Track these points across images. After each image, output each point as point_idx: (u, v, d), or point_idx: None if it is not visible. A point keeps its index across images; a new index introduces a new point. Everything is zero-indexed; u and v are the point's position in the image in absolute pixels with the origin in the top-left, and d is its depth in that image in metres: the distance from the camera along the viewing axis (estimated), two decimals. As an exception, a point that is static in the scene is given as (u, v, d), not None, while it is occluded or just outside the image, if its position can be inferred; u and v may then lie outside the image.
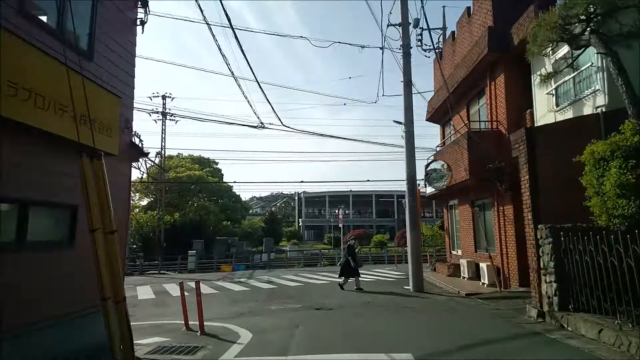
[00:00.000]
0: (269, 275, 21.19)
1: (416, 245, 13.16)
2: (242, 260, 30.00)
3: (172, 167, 47.29)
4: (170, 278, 22.24)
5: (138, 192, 45.82)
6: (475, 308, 9.73)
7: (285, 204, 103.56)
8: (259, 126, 14.52)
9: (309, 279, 17.99)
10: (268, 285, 15.95)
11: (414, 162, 13.35)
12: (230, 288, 15.46)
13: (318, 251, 33.60)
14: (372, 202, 78.34)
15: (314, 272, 21.33)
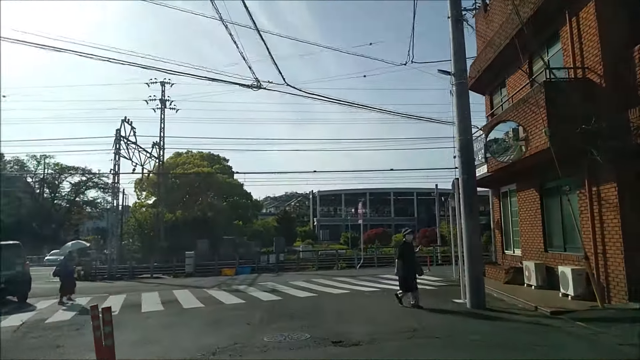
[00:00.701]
0: (275, 280, 17.60)
1: (473, 241, 9.41)
2: (250, 261, 26.50)
3: (180, 164, 44.69)
4: (158, 284, 18.81)
5: (144, 190, 43.31)
6: (586, 340, 6.01)
7: (299, 203, 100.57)
8: (253, 85, 10.89)
9: (323, 286, 14.34)
10: (270, 296, 12.34)
11: (468, 124, 9.62)
12: (221, 300, 11.89)
13: (334, 252, 29.89)
14: (391, 201, 74.71)
15: (330, 278, 17.67)
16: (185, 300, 12.20)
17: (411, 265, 9.59)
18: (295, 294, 12.34)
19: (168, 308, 10.73)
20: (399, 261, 9.67)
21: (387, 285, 13.79)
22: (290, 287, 14.28)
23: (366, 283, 14.80)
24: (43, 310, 11.32)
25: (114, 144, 25.13)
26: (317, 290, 13.06)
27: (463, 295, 10.01)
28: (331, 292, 12.53)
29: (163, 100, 33.93)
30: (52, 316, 10.09)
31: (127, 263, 25.78)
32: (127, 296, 13.84)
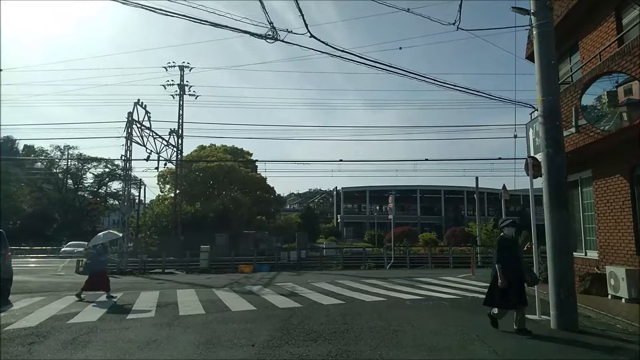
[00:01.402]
0: (295, 280, 15.43)
1: (561, 240, 6.97)
2: (270, 258, 24.50)
3: (203, 157, 43.75)
4: (166, 281, 16.87)
5: (167, 183, 42.44)
6: None
7: (323, 200, 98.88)
8: (268, 35, 8.67)
9: (351, 290, 12.06)
10: (288, 301, 10.14)
11: (554, 78, 7.17)
12: (228, 305, 9.75)
13: (362, 249, 27.56)
14: (417, 199, 72.02)
15: (358, 280, 15.37)
16: (185, 303, 10.13)
17: (516, 271, 6.57)
18: (318, 300, 10.09)
19: (160, 314, 8.66)
20: (500, 265, 6.55)
21: (431, 292, 11.42)
22: (313, 291, 12.04)
23: (403, 288, 12.44)
24: (15, 311, 9.40)
25: (125, 128, 23.39)
26: (344, 296, 10.78)
27: (539, 310, 7.61)
28: (363, 300, 10.22)
29: (181, 86, 32.21)
30: (18, 322, 8.12)
31: (138, 257, 24.06)
32: (121, 296, 11.87)
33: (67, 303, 10.48)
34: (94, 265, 11.94)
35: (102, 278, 11.77)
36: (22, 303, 10.62)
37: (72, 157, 62.26)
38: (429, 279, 15.46)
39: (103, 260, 12.39)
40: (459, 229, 51.84)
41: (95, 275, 11.68)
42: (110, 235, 13.34)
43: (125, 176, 24.99)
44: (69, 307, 9.86)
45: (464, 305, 9.34)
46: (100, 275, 11.78)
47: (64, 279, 17.49)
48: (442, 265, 23.11)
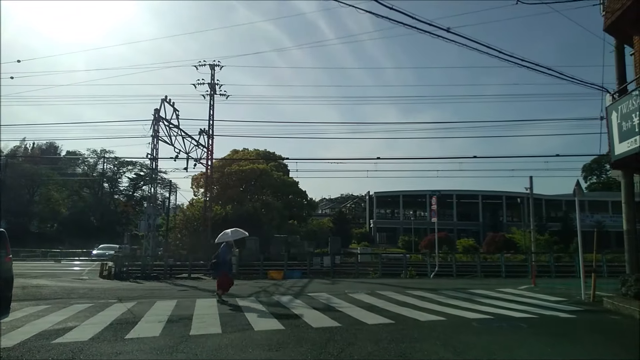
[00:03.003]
0: (330, 290, 13.62)
1: None
2: (302, 263, 22.83)
3: (236, 161, 43.31)
4: (188, 288, 15.40)
5: (201, 187, 42.12)
6: None
7: (355, 205, 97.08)
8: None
9: (399, 305, 10.15)
10: (324, 318, 8.35)
11: None
12: (251, 321, 8.05)
13: (400, 255, 25.48)
14: (453, 204, 68.99)
15: (403, 291, 13.41)
16: (201, 317, 8.51)
17: None
18: (361, 318, 8.24)
19: (167, 333, 7.05)
20: None
21: (496, 309, 9.37)
22: (351, 304, 10.20)
23: (460, 303, 10.42)
24: (5, 324, 8.02)
25: (152, 125, 22.31)
26: (392, 313, 8.88)
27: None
28: (416, 318, 8.29)
29: (212, 85, 31.14)
30: (6, 335, 6.72)
31: (163, 261, 22.86)
32: (134, 305, 10.38)
33: (69, 314, 9.06)
34: (220, 264, 11.58)
35: (225, 277, 11.49)
36: (20, 313, 9.28)
37: (109, 160, 62.94)
38: (485, 290, 13.35)
39: (229, 259, 11.92)
40: (499, 235, 49.05)
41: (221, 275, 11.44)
42: (238, 234, 12.49)
43: (151, 175, 23.90)
44: (68, 319, 8.42)
45: (549, 329, 7.29)
46: (224, 275, 11.49)
47: (83, 284, 16.34)
48: (492, 275, 20.77)
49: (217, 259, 11.71)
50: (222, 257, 11.62)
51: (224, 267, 11.64)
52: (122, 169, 64.62)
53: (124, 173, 65.72)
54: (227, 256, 11.78)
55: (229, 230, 12.36)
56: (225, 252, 11.73)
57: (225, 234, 12.09)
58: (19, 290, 13.67)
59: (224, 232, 12.28)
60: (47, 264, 29.96)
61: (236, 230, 12.63)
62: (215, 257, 11.92)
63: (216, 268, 11.72)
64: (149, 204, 23.79)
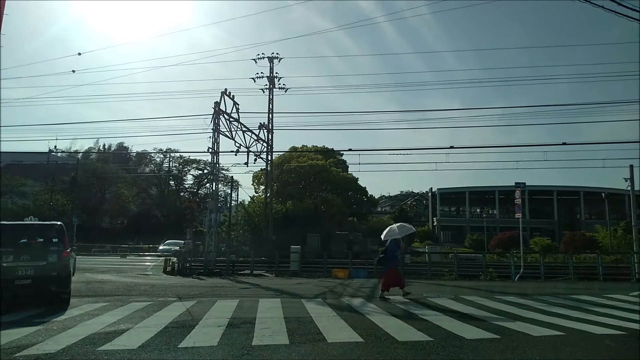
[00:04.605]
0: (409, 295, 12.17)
1: None
2: (367, 262, 21.45)
3: (294, 157, 43.02)
4: (251, 286, 14.53)
5: (262, 184, 42.27)
6: None
7: (416, 202, 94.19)
8: None
9: (496, 314, 8.52)
10: (408, 328, 6.99)
11: None
12: (322, 329, 6.85)
13: (474, 255, 23.41)
14: (525, 200, 64.36)
15: (491, 295, 11.68)
16: (265, 322, 7.44)
17: None
18: (455, 330, 6.76)
19: (226, 341, 6.02)
20: None
21: (619, 321, 7.53)
22: (437, 311, 8.71)
23: (571, 312, 8.61)
24: (56, 324, 7.39)
25: (212, 119, 21.85)
26: (492, 324, 7.31)
27: None
28: (524, 332, 6.67)
29: (271, 78, 30.51)
30: (40, 344, 5.97)
31: (226, 257, 22.37)
32: (193, 305, 9.55)
33: (125, 313, 8.34)
34: (388, 261, 11.11)
35: (395, 275, 11.02)
36: (76, 311, 8.71)
37: (174, 159, 64.99)
38: (590, 296, 11.33)
39: (397, 255, 11.45)
40: (578, 234, 44.84)
41: (389, 272, 11.00)
42: (405, 229, 11.83)
43: (212, 169, 23.51)
44: (122, 320, 7.66)
45: None
46: (392, 272, 11.03)
47: (146, 280, 16.01)
48: (586, 277, 18.26)
49: (385, 255, 11.25)
50: (390, 253, 11.15)
51: (393, 262, 11.16)
52: (186, 167, 66.42)
53: (188, 171, 67.58)
54: (395, 252, 11.25)
55: (394, 226, 11.73)
56: (393, 248, 11.18)
57: (391, 230, 11.42)
58: (83, 285, 13.45)
59: (390, 227, 11.65)
60: (115, 259, 30.78)
61: (402, 226, 11.98)
62: (382, 253, 11.49)
63: (384, 263, 11.26)
64: (211, 199, 23.40)
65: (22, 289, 8.89)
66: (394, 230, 11.37)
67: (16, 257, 8.87)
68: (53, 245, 9.44)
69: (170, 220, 59.74)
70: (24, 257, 8.94)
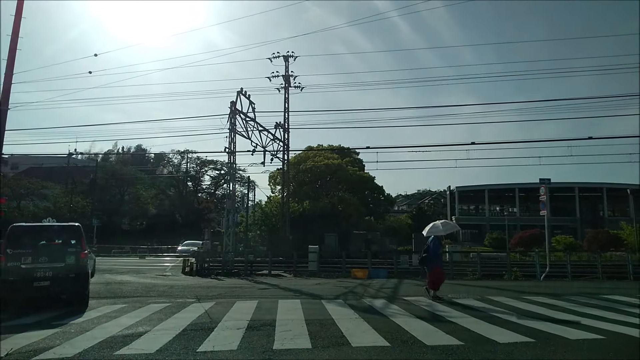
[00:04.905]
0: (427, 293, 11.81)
1: None
2: (386, 262, 21.10)
3: (310, 157, 42.93)
4: (269, 287, 14.33)
5: (278, 184, 42.31)
6: None
7: (434, 201, 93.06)
8: None
9: (527, 316, 8.13)
10: (435, 331, 6.67)
11: None
12: (345, 332, 6.58)
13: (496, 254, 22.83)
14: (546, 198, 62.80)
15: (518, 296, 11.28)
16: (285, 324, 7.20)
17: None
18: (485, 333, 6.41)
19: (246, 345, 5.80)
20: None
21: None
22: (463, 313, 8.35)
23: (606, 314, 8.18)
24: (74, 326, 7.27)
25: (229, 119, 21.75)
26: (522, 326, 6.94)
27: None
28: (560, 335, 6.28)
29: (286, 77, 30.32)
30: (57, 347, 5.84)
31: (244, 257, 22.25)
32: (212, 307, 9.38)
33: (143, 315, 8.20)
34: (431, 259, 10.65)
35: (439, 273, 10.63)
36: (95, 312, 8.61)
37: (191, 160, 65.48)
38: (622, 296, 10.83)
39: (440, 253, 11.15)
40: (602, 232, 43.61)
41: (434, 271, 10.59)
42: (449, 227, 11.68)
43: (229, 169, 23.44)
44: (140, 322, 7.52)
45: None
46: (436, 271, 10.62)
47: (165, 281, 15.95)
48: (614, 276, 17.60)
49: (428, 253, 10.74)
50: (432, 251, 10.67)
51: (436, 261, 10.70)
52: (204, 167, 66.83)
53: (205, 172, 67.99)
54: (438, 250, 10.82)
55: (438, 223, 11.33)
56: (436, 246, 10.73)
57: (435, 226, 11.04)
58: (102, 286, 13.43)
59: (433, 224, 11.25)
60: (134, 260, 30.98)
61: (447, 223, 11.69)
62: (425, 252, 10.94)
63: (427, 263, 10.77)
64: (228, 200, 23.33)
65: (41, 291, 8.84)
66: (437, 227, 10.96)
67: (35, 258, 8.83)
68: (71, 246, 9.37)
69: (188, 220, 60.14)
70: (42, 258, 8.88)
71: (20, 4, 15.99)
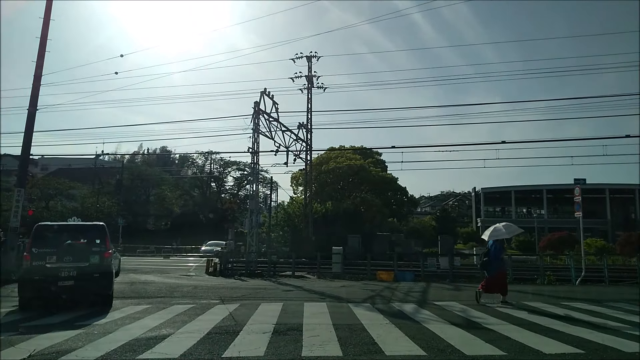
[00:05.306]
0: (459, 297, 11.34)
1: None
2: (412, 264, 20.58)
3: (332, 158, 42.73)
4: (293, 288, 14.06)
5: (300, 185, 42.24)
6: None
7: (458, 202, 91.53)
8: None
9: (569, 323, 7.62)
10: (473, 340, 6.24)
11: None
12: (376, 338, 6.24)
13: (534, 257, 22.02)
14: (574, 199, 60.85)
15: (556, 301, 10.73)
16: (313, 328, 6.90)
17: None
18: (528, 342, 5.94)
19: (274, 351, 5.52)
20: None
21: None
22: (500, 319, 7.87)
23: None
24: (97, 327, 7.13)
25: (252, 119, 21.64)
26: (567, 334, 6.46)
27: None
28: (611, 346, 5.78)
29: (309, 77, 30.10)
30: (79, 350, 5.66)
31: (267, 257, 22.07)
32: (236, 308, 9.15)
33: (167, 317, 8.02)
34: (493, 264, 10.16)
35: (500, 280, 10.14)
36: (118, 313, 8.48)
37: (215, 161, 66.02)
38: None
39: (503, 258, 10.66)
40: (635, 235, 41.92)
41: (493, 276, 10.13)
42: (513, 229, 11.11)
43: (252, 169, 23.33)
44: (164, 324, 7.33)
45: None
46: (497, 277, 10.13)
47: (189, 281, 15.86)
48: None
49: (489, 257, 10.29)
50: (494, 255, 10.23)
51: (498, 265, 10.20)
52: (227, 168, 67.29)
53: (229, 173, 68.45)
54: (500, 254, 10.37)
55: (500, 225, 10.82)
56: (498, 249, 10.27)
57: (496, 229, 10.53)
58: (127, 286, 13.40)
59: (495, 227, 10.74)
60: (159, 260, 31.23)
61: (509, 226, 11.08)
62: (485, 255, 10.52)
63: (488, 267, 10.27)
64: (251, 200, 23.22)
65: (65, 290, 8.77)
66: (499, 230, 10.43)
67: (59, 258, 8.77)
68: (95, 246, 9.29)
69: (211, 221, 60.59)
70: (67, 257, 8.81)
71: (48, 6, 16.15)
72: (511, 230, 10.79)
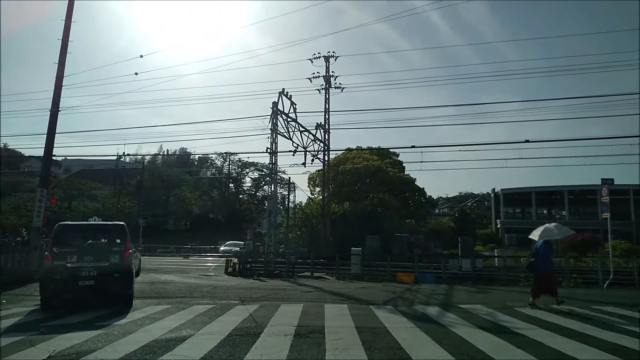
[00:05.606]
0: (484, 301, 11.01)
1: None
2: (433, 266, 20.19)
3: (350, 159, 42.55)
4: (313, 289, 13.89)
5: (317, 186, 42.20)
6: None
7: (476, 204, 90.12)
8: None
9: (602, 328, 7.29)
10: (504, 345, 5.98)
11: None
12: (402, 342, 6.03)
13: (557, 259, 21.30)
14: (597, 201, 59.43)
15: (585, 304, 10.36)
16: (335, 331, 6.71)
17: None
18: (562, 348, 5.66)
19: (297, 355, 5.36)
20: None
21: None
22: (530, 323, 7.55)
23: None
24: (117, 328, 7.07)
25: (270, 119, 21.56)
26: (602, 340, 6.15)
27: None
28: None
29: (327, 77, 29.90)
30: (99, 351, 5.58)
31: (285, 258, 21.96)
32: (256, 309, 9.02)
33: (187, 317, 7.94)
34: (541, 264, 9.99)
35: (548, 280, 10.00)
36: (138, 313, 8.43)
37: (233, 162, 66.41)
38: None
39: (551, 259, 10.50)
40: (663, 237, 40.72)
41: (541, 277, 10.00)
42: (564, 230, 10.92)
43: (271, 170, 23.27)
44: (184, 325, 7.24)
45: None
46: (546, 278, 9.98)
47: (208, 281, 15.84)
48: None
49: (536, 258, 10.09)
50: (541, 256, 10.02)
51: (546, 266, 10.01)
52: (245, 169, 67.61)
53: (247, 174, 68.76)
54: (549, 255, 10.17)
55: (551, 225, 10.57)
56: (546, 250, 10.05)
57: (547, 229, 10.26)
58: (147, 286, 13.42)
59: (545, 227, 10.45)
60: (178, 260, 31.45)
61: (560, 226, 10.84)
62: (533, 256, 10.32)
63: (535, 268, 10.11)
64: (269, 201, 23.16)
65: (85, 290, 8.76)
66: (550, 230, 10.14)
67: (80, 257, 8.77)
68: (116, 245, 9.28)
69: (230, 221, 60.89)
70: (87, 257, 8.81)
71: (70, 6, 16.32)
72: (563, 231, 10.52)
